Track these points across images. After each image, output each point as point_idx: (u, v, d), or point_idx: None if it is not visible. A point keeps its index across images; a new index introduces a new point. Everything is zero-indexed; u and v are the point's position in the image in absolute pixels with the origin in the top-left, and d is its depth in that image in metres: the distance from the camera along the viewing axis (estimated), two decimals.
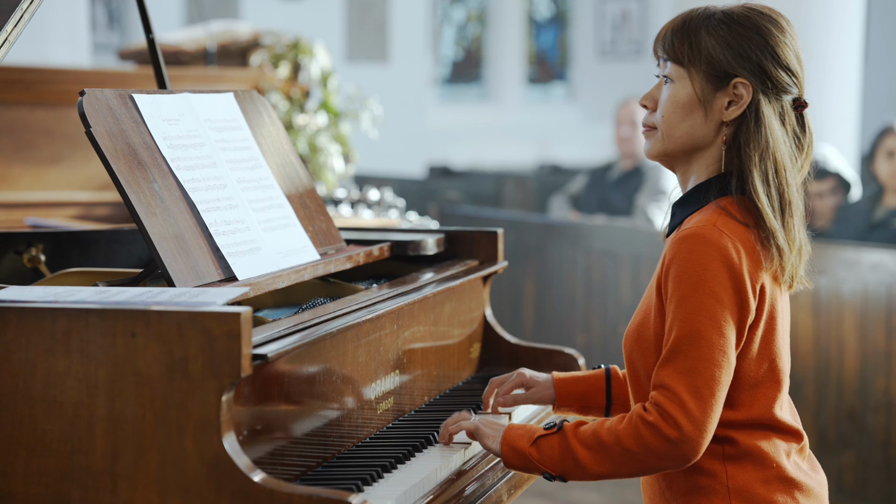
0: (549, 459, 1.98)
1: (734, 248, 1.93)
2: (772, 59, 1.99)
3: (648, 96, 2.07)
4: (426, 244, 2.66)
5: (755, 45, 1.98)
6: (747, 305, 1.93)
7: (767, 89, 1.99)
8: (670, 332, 1.93)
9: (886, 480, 4.63)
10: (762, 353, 1.99)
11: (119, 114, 2.13)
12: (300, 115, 4.98)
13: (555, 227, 6.09)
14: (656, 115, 2.05)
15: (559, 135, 11.78)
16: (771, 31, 2.00)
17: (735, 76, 1.98)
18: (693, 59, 2.00)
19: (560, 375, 2.32)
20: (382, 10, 10.61)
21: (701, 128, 2.02)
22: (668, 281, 1.95)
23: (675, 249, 1.95)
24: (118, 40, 9.52)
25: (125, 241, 2.71)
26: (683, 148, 2.04)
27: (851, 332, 4.72)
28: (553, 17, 12.66)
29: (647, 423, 1.91)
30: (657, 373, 1.94)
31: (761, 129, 1.98)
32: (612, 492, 5.21)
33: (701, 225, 1.95)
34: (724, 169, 2.02)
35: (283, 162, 2.50)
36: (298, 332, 1.97)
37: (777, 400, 2.02)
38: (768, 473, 1.99)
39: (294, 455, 1.98)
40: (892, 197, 5.35)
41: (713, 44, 1.99)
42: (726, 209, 1.98)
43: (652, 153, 2.08)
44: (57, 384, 1.79)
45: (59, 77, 4.37)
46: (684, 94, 2.01)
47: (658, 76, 2.07)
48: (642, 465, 1.94)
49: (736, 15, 2.01)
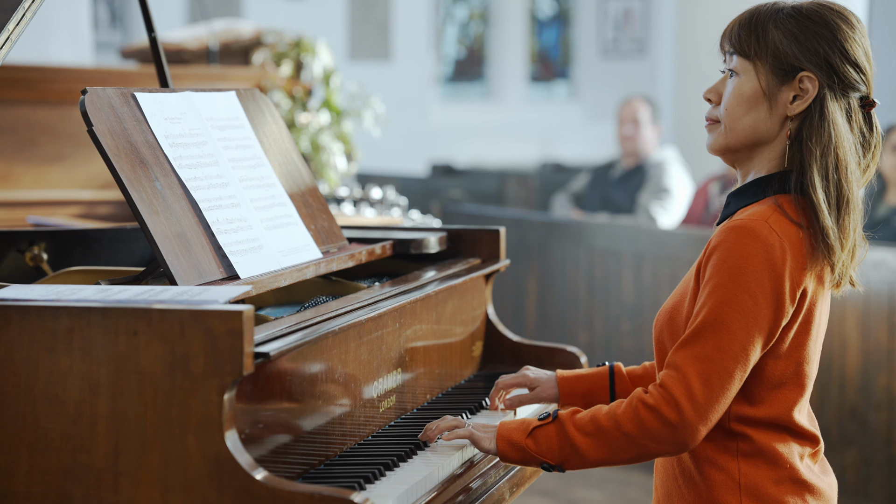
0: (546, 449, 1.98)
1: (780, 248, 1.92)
2: (840, 54, 1.97)
3: (713, 90, 2.06)
4: (428, 242, 2.66)
5: (823, 40, 1.97)
6: (782, 308, 1.92)
7: (834, 85, 1.97)
8: (697, 316, 1.92)
9: (888, 478, 4.63)
10: (791, 354, 1.98)
11: (121, 112, 2.13)
12: (303, 114, 4.99)
13: (557, 225, 6.09)
14: (720, 109, 2.04)
15: (562, 133, 11.77)
16: (840, 27, 1.98)
17: (801, 70, 1.97)
18: (759, 52, 1.99)
19: (564, 373, 2.31)
20: (385, 8, 10.60)
21: (765, 121, 2.00)
22: (707, 265, 1.95)
23: (723, 237, 1.94)
24: (120, 39, 9.53)
25: (127, 239, 2.71)
26: (746, 142, 2.02)
27: (853, 330, 4.71)
28: (555, 15, 12.66)
29: (648, 406, 1.91)
30: (673, 353, 1.93)
31: (825, 124, 1.96)
32: (614, 490, 5.21)
33: (753, 218, 1.94)
34: (787, 165, 1.99)
35: (285, 160, 2.50)
36: (301, 331, 1.98)
37: (798, 403, 2.01)
38: (781, 474, 1.99)
39: (296, 453, 1.98)
40: (895, 194, 5.35)
41: (780, 37, 1.98)
42: (782, 207, 1.96)
43: (714, 147, 2.06)
44: (59, 382, 1.80)
45: (62, 76, 4.37)
46: (749, 88, 2.00)
47: (723, 71, 2.05)
48: (640, 449, 1.93)
49: (805, 9, 2.00)
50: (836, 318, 4.74)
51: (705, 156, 7.31)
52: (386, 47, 10.64)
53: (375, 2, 10.56)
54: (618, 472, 5.39)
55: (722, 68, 2.06)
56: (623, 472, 5.39)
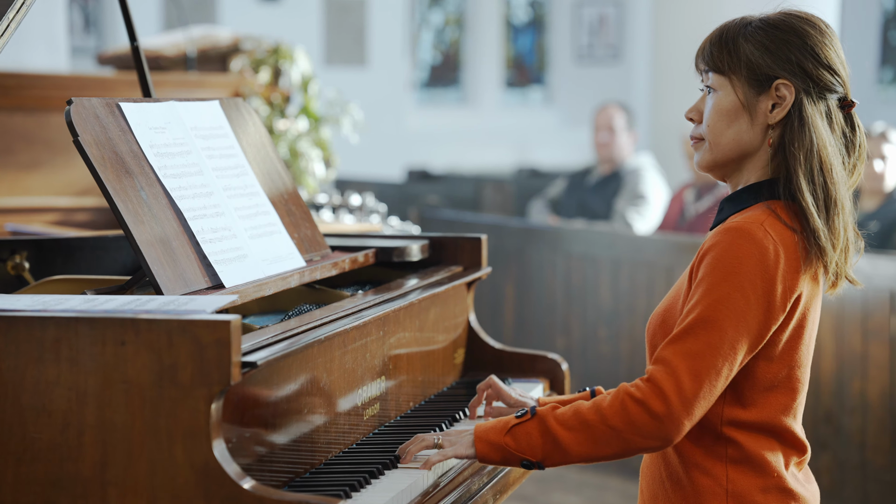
0: (527, 446, 1.99)
1: (774, 252, 1.94)
2: (812, 58, 2.00)
3: (694, 109, 2.09)
4: (411, 251, 2.68)
5: (794, 47, 2.00)
6: (773, 311, 1.94)
7: (810, 89, 2.00)
8: (689, 314, 1.94)
9: (862, 482, 4.68)
10: (783, 357, 2.00)
11: (106, 122, 2.14)
12: (281, 121, 4.99)
13: (534, 231, 6.12)
14: (702, 127, 2.07)
15: (537, 138, 11.82)
16: (809, 33, 2.01)
17: (776, 78, 2.00)
18: (733, 67, 2.02)
19: (545, 401, 2.33)
20: (361, 14, 10.61)
21: (747, 133, 2.03)
22: (700, 266, 1.97)
23: (718, 238, 1.96)
24: (95, 44, 9.49)
25: (109, 247, 2.71)
26: (732, 155, 2.05)
27: (828, 336, 4.76)
28: (531, 21, 12.70)
29: (636, 400, 1.92)
30: (663, 349, 1.95)
31: (805, 128, 1.99)
32: (592, 494, 5.24)
33: (749, 221, 1.97)
34: (773, 173, 2.03)
35: (268, 169, 2.51)
36: (286, 340, 1.99)
37: (790, 409, 2.03)
38: (768, 482, 2.01)
39: (282, 462, 1.99)
40: (868, 200, 5.40)
41: (752, 49, 2.01)
42: (775, 211, 1.98)
43: (702, 164, 2.08)
44: (46, 392, 1.80)
45: (38, 82, 4.36)
46: (728, 102, 2.03)
47: (702, 89, 2.08)
48: (625, 443, 1.94)
49: (772, 20, 2.03)
50: None
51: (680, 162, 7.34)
52: (361, 53, 10.65)
53: (351, 7, 10.57)
54: (595, 477, 5.42)
55: (700, 86, 2.09)
56: (601, 477, 5.42)
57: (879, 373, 4.61)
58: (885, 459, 4.62)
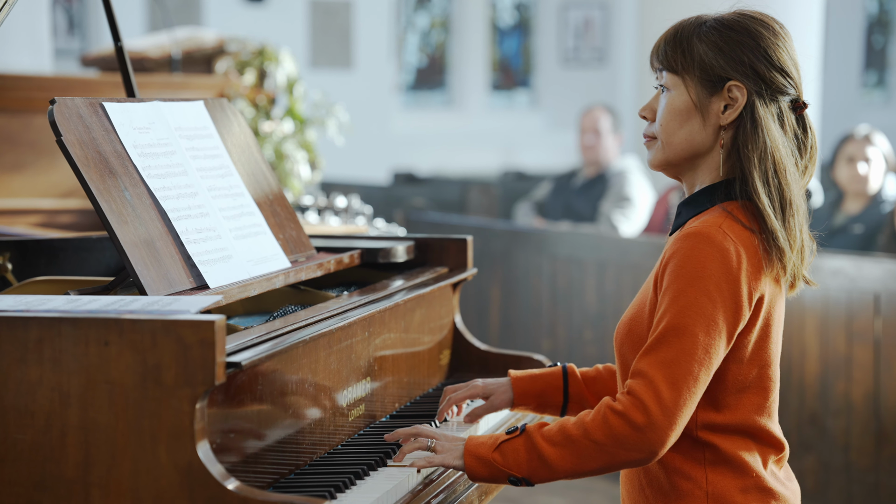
0: (514, 462, 1.99)
1: (735, 253, 1.95)
2: (764, 60, 2.00)
3: (647, 107, 2.09)
4: (396, 252, 2.67)
5: (746, 48, 2.00)
6: (740, 311, 1.95)
7: (762, 91, 2.00)
8: (659, 323, 1.94)
9: (846, 483, 4.69)
10: (753, 358, 2.01)
11: (90, 122, 2.13)
12: (266, 123, 4.98)
13: (520, 233, 6.12)
14: (655, 125, 2.07)
15: (523, 141, 11.83)
16: (762, 34, 2.01)
17: (728, 80, 2.00)
18: (686, 66, 2.02)
19: (517, 374, 2.33)
20: (346, 16, 10.61)
21: (699, 133, 2.03)
22: (664, 274, 1.97)
23: (679, 245, 1.97)
24: (79, 45, 9.46)
25: (93, 248, 2.69)
26: (684, 155, 2.05)
27: (812, 338, 4.77)
28: (516, 24, 12.71)
29: (616, 412, 1.92)
30: (638, 361, 1.95)
31: (758, 130, 1.99)
32: (578, 497, 5.24)
33: (707, 225, 1.97)
34: (727, 174, 2.03)
35: (253, 170, 2.51)
36: (271, 340, 1.98)
37: (763, 408, 2.03)
38: (747, 482, 2.01)
39: (266, 462, 1.98)
40: (852, 203, 5.42)
41: (705, 49, 2.01)
42: (732, 213, 1.99)
43: (654, 162, 2.09)
44: (29, 393, 1.79)
45: (22, 84, 4.34)
46: (681, 102, 2.03)
47: (656, 87, 2.09)
48: (609, 457, 1.94)
49: (727, 20, 2.03)
50: (796, 326, 4.80)
51: None
52: (347, 55, 10.64)
53: (337, 10, 10.56)
54: (582, 480, 5.40)
55: (654, 85, 2.09)
56: (586, 480, 5.41)
57: (864, 375, 4.63)
58: (869, 461, 4.64)
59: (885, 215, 5.21)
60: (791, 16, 6.70)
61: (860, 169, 5.35)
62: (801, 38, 6.84)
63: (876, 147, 5.38)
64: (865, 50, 13.98)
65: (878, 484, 4.61)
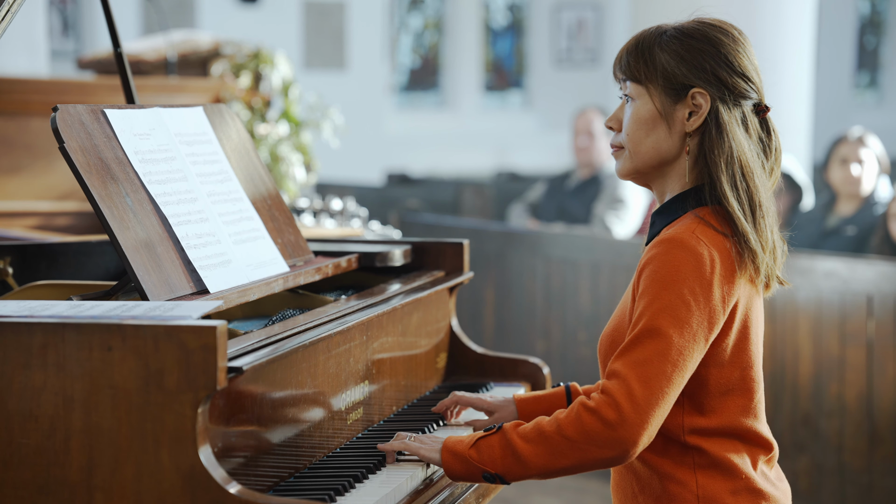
0: (488, 458, 2.01)
1: (709, 257, 1.98)
2: (726, 67, 2.04)
3: (613, 118, 2.13)
4: (393, 256, 2.69)
5: (708, 56, 2.04)
6: (714, 314, 1.98)
7: (725, 97, 2.04)
8: (634, 326, 1.97)
9: (840, 485, 4.72)
10: (734, 361, 2.03)
11: (91, 129, 2.15)
12: (261, 125, 5.00)
13: (514, 235, 6.14)
14: (622, 135, 2.11)
15: (516, 142, 11.85)
16: (722, 41, 2.05)
17: (692, 87, 2.04)
18: (650, 76, 2.06)
19: (521, 396, 2.36)
20: (340, 17, 10.62)
21: (666, 141, 2.07)
22: (640, 280, 2.00)
23: (654, 252, 2.00)
24: (74, 47, 9.46)
25: (93, 253, 2.71)
26: (651, 163, 2.09)
27: (806, 339, 4.80)
28: (509, 25, 12.74)
29: (589, 409, 1.94)
30: (612, 361, 1.97)
31: (723, 135, 2.03)
32: (571, 497, 5.26)
33: (680, 231, 2.01)
34: (696, 180, 2.07)
35: (251, 175, 2.53)
36: (271, 345, 2.00)
37: (749, 409, 2.06)
38: (737, 484, 2.04)
39: (266, 466, 2.00)
40: (845, 205, 5.45)
41: (667, 58, 2.05)
42: (704, 219, 2.02)
43: (623, 172, 2.13)
44: (33, 398, 1.81)
45: (18, 87, 4.35)
46: (646, 111, 2.07)
47: (620, 98, 2.12)
48: (581, 454, 1.95)
49: (687, 29, 2.07)
50: (789, 328, 4.83)
51: None
52: (341, 56, 10.66)
53: (330, 11, 10.58)
54: (575, 481, 5.44)
55: (619, 95, 2.13)
56: (580, 481, 5.45)
57: (857, 376, 4.66)
58: (863, 462, 4.67)
59: (878, 217, 5.24)
60: (783, 17, 6.73)
61: (853, 170, 5.38)
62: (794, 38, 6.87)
63: (869, 149, 5.41)
64: (857, 51, 14.03)
65: (871, 485, 4.64)
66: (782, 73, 6.90)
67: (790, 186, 5.69)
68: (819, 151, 7.33)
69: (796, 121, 7.01)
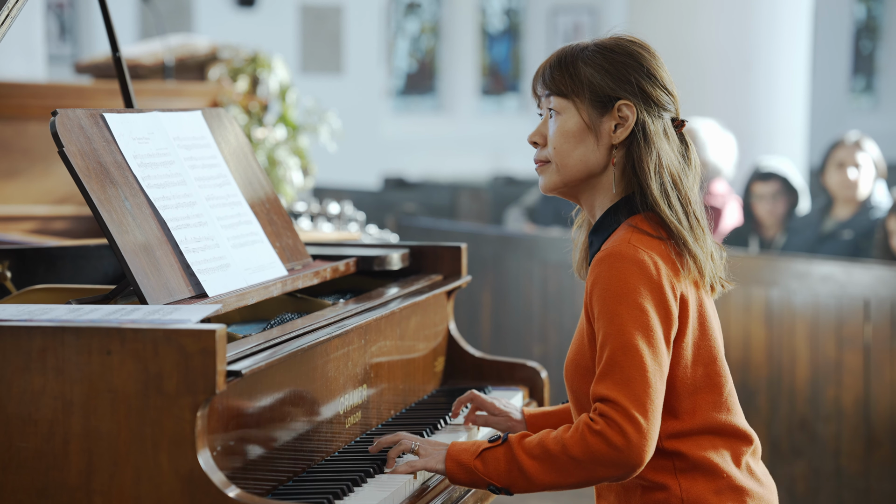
0: (494, 471, 2.02)
1: (651, 261, 2.00)
2: (649, 79, 2.08)
3: (536, 133, 2.15)
4: (391, 259, 2.70)
5: (631, 69, 2.08)
6: (670, 315, 2.00)
7: (651, 108, 2.08)
8: (603, 348, 1.98)
9: (837, 489, 4.73)
10: (696, 359, 2.05)
11: (91, 133, 2.15)
12: (259, 129, 5.00)
13: (511, 239, 6.15)
14: (548, 149, 2.13)
15: (513, 146, 11.87)
16: (643, 55, 2.10)
17: (618, 99, 2.07)
18: (576, 89, 2.08)
19: (531, 411, 2.37)
20: (336, 21, 10.63)
21: (594, 153, 2.09)
22: (593, 303, 2.02)
23: (596, 271, 2.02)
24: (71, 51, 9.47)
25: (91, 256, 2.72)
26: (579, 176, 2.11)
27: (803, 343, 4.81)
28: (506, 29, 12.76)
29: (594, 432, 1.95)
30: (595, 387, 1.98)
31: (651, 145, 2.06)
32: (568, 500, 5.27)
33: (616, 244, 2.03)
34: (624, 191, 2.09)
35: (249, 179, 2.53)
36: (270, 349, 2.00)
37: (720, 404, 2.08)
38: (720, 484, 2.05)
39: (265, 470, 2.01)
40: (842, 208, 5.46)
41: (592, 72, 2.08)
42: (637, 226, 2.05)
43: (548, 186, 2.15)
44: (32, 402, 1.81)
45: (16, 91, 4.36)
46: (573, 124, 2.09)
47: (541, 114, 2.14)
48: (588, 473, 1.97)
49: (607, 44, 2.11)
50: (786, 331, 4.84)
51: None
52: (338, 60, 10.67)
53: (327, 15, 10.59)
54: None
55: (539, 111, 2.15)
56: None
57: (854, 380, 4.66)
58: (860, 466, 4.67)
59: (875, 221, 5.25)
60: (779, 21, 6.75)
61: (850, 174, 5.39)
62: (790, 43, 6.89)
63: (865, 153, 5.42)
64: (853, 55, 14.06)
65: (868, 489, 4.65)
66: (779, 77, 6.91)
67: (787, 190, 5.70)
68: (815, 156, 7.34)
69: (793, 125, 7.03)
